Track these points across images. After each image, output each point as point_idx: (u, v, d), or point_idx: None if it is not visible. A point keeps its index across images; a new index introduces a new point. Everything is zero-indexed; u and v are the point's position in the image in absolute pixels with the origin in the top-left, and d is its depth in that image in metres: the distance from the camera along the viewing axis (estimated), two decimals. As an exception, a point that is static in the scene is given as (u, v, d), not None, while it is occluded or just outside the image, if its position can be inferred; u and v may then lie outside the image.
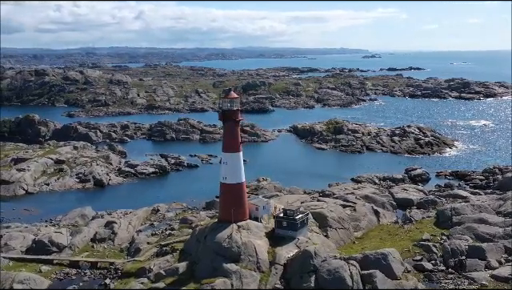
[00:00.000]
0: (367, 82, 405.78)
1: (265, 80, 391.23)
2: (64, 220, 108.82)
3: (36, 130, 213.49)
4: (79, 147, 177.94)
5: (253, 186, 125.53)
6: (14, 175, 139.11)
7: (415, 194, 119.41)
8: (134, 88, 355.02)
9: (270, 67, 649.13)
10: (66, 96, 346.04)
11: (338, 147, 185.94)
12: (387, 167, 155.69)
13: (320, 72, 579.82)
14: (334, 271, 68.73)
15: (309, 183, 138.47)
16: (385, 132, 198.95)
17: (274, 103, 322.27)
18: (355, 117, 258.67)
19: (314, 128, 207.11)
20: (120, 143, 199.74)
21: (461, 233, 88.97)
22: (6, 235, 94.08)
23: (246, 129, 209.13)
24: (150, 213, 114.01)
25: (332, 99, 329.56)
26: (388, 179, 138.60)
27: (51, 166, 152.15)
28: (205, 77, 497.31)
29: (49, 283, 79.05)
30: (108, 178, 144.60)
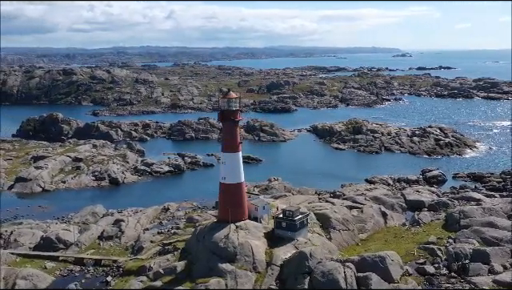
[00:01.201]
0: (393, 82, 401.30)
1: (289, 80, 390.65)
2: (75, 218, 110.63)
3: (59, 128, 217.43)
4: (98, 145, 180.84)
5: (263, 186, 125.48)
6: (31, 172, 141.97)
7: (428, 196, 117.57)
8: (159, 87, 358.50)
9: (298, 66, 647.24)
10: (92, 95, 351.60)
11: (356, 147, 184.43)
12: (403, 168, 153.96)
13: (348, 71, 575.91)
14: (328, 273, 68.27)
15: (322, 183, 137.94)
16: (405, 132, 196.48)
17: (297, 103, 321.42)
18: (377, 117, 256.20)
19: (333, 128, 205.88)
20: (140, 142, 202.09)
21: (468, 236, 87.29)
22: (15, 232, 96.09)
23: (265, 128, 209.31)
24: (159, 212, 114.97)
25: (356, 99, 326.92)
26: (402, 181, 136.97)
27: (69, 164, 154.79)
28: (231, 76, 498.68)
29: (52, 280, 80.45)
30: (123, 176, 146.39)
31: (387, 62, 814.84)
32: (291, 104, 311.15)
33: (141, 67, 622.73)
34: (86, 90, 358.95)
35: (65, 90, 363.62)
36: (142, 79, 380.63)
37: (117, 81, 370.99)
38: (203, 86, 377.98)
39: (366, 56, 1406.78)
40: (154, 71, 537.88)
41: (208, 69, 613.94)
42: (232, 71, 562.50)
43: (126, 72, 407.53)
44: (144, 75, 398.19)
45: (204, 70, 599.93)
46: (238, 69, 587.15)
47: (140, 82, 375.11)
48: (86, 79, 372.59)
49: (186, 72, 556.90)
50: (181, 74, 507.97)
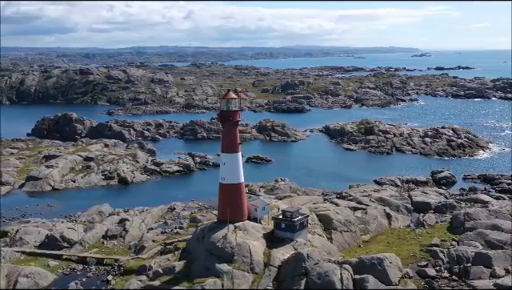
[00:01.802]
0: (409, 82, 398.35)
1: (304, 79, 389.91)
2: (82, 217, 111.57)
3: (73, 127, 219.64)
4: (110, 144, 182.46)
5: (269, 186, 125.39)
6: (42, 171, 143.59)
7: (435, 197, 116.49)
8: (174, 87, 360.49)
9: (315, 66, 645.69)
10: (108, 94, 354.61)
11: (367, 148, 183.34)
12: (414, 169, 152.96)
13: (365, 71, 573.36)
14: (324, 274, 68.05)
15: (330, 183, 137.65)
16: (417, 133, 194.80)
17: (311, 103, 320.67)
18: (391, 117, 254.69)
19: (345, 128, 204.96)
20: (152, 142, 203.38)
21: (471, 239, 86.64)
22: (21, 230, 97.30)
23: (277, 129, 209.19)
24: (165, 211, 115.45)
25: (370, 99, 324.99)
26: (411, 182, 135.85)
27: (80, 163, 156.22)
28: (248, 76, 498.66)
29: (54, 278, 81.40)
30: (132, 175, 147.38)
31: (405, 62, 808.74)
32: (305, 104, 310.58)
33: (158, 67, 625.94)
34: (102, 90, 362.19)
35: (81, 89, 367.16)
36: (157, 79, 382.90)
37: (133, 81, 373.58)
38: (218, 86, 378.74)
39: (385, 56, 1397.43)
40: (171, 71, 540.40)
41: (225, 69, 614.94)
42: (249, 71, 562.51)
43: (142, 72, 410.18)
44: (160, 75, 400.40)
45: (221, 69, 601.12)
46: (254, 69, 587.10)
47: (155, 81, 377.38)
48: (103, 79, 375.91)
49: (203, 72, 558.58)
50: (197, 74, 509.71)
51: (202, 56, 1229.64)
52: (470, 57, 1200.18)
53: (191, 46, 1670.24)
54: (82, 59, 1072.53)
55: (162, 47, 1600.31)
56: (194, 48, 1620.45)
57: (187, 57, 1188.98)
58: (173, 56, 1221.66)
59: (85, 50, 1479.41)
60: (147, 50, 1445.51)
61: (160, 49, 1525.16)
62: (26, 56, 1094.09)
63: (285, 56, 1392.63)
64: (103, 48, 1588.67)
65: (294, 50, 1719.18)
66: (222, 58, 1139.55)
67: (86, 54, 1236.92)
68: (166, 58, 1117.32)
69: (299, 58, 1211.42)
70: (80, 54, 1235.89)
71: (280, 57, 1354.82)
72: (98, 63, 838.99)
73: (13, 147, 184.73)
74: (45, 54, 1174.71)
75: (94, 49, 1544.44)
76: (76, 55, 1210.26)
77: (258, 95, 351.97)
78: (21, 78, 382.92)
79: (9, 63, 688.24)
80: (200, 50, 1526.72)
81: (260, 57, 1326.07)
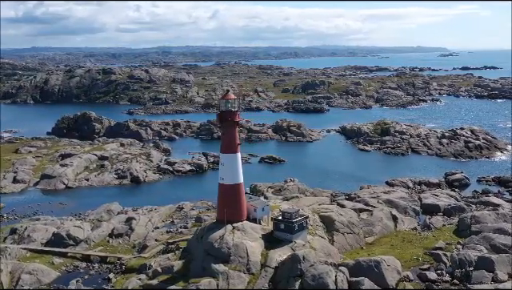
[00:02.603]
0: (432, 82, 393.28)
1: (325, 79, 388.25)
2: (91, 215, 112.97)
3: (91, 127, 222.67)
4: (126, 144, 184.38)
5: (277, 187, 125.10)
6: (56, 169, 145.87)
7: (445, 200, 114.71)
8: (194, 87, 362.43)
9: (339, 66, 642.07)
10: (129, 94, 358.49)
11: (383, 149, 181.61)
12: (428, 171, 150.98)
13: (389, 71, 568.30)
14: (319, 276, 67.69)
15: (341, 184, 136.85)
16: (435, 134, 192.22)
17: (331, 103, 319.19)
18: (410, 118, 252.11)
19: (361, 129, 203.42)
20: (168, 141, 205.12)
21: (476, 243, 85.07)
22: (29, 228, 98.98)
23: (292, 129, 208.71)
24: (173, 211, 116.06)
25: (391, 99, 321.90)
26: (423, 184, 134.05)
27: (94, 162, 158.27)
28: (271, 76, 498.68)
29: (57, 275, 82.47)
30: (144, 175, 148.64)
31: (431, 62, 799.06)
32: (324, 104, 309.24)
33: (182, 67, 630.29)
34: (124, 90, 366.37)
35: (103, 89, 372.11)
36: (178, 79, 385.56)
37: (154, 80, 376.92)
38: (239, 85, 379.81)
39: (410, 56, 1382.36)
40: (194, 71, 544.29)
41: (248, 68, 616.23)
42: (271, 71, 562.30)
43: (163, 72, 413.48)
44: (181, 75, 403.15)
45: (244, 69, 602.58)
46: (278, 68, 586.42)
47: (177, 81, 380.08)
48: (125, 79, 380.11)
49: (226, 72, 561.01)
50: (220, 74, 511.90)
51: (227, 56, 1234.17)
52: (497, 57, 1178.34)
53: (216, 46, 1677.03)
54: (108, 59, 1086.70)
55: (187, 47, 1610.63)
56: (220, 48, 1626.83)
57: (212, 57, 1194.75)
58: (198, 56, 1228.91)
59: (112, 49, 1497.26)
60: (173, 49, 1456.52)
61: (185, 49, 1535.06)
62: (54, 56, 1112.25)
63: (310, 56, 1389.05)
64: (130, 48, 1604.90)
65: (320, 49, 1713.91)
66: (246, 58, 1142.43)
67: (113, 54, 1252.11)
68: (191, 58, 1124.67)
69: (324, 58, 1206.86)
70: (107, 54, 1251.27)
71: (305, 56, 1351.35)
72: (124, 63, 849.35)
73: (31, 145, 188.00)
74: (72, 54, 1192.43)
75: (121, 49, 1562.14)
76: (103, 55, 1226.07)
77: (278, 95, 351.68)
78: (45, 77, 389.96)
79: (37, 63, 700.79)
80: (225, 49, 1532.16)
81: (285, 57, 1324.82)
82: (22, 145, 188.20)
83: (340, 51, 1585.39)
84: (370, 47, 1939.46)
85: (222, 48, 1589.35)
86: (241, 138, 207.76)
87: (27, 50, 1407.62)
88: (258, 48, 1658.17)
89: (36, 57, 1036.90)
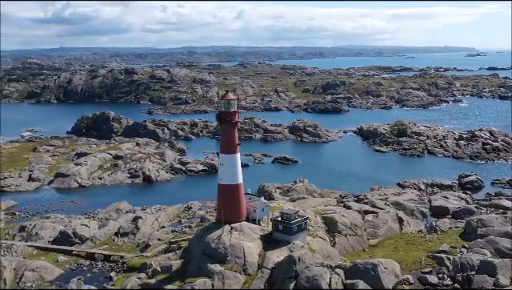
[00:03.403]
0: (455, 83, 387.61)
1: (346, 80, 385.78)
2: (100, 213, 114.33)
3: (110, 126, 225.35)
4: (141, 143, 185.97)
5: (285, 187, 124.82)
6: (70, 168, 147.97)
7: (455, 202, 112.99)
8: (215, 87, 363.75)
9: (363, 66, 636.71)
10: (150, 94, 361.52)
11: (398, 150, 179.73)
12: (442, 173, 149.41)
13: (413, 71, 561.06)
14: (313, 278, 67.33)
15: (352, 185, 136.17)
16: (453, 135, 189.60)
17: (351, 103, 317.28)
18: (430, 119, 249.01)
19: (378, 130, 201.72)
20: (184, 141, 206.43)
21: (481, 246, 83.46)
22: (38, 225, 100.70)
23: (308, 129, 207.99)
24: (182, 210, 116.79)
25: (412, 100, 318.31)
26: (435, 186, 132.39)
27: (108, 161, 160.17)
28: (292, 76, 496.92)
29: (60, 273, 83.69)
30: (157, 174, 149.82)
31: (457, 62, 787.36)
32: (344, 105, 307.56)
33: (205, 67, 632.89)
34: (145, 89, 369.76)
35: (125, 88, 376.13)
36: (199, 79, 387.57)
37: (175, 80, 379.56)
38: (259, 86, 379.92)
39: (437, 56, 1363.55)
40: (217, 71, 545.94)
41: (271, 68, 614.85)
42: (294, 71, 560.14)
43: (185, 72, 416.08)
44: (202, 75, 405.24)
45: (267, 69, 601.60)
46: (301, 68, 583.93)
47: (197, 81, 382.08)
48: (146, 78, 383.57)
49: (249, 72, 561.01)
50: (243, 74, 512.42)
51: (252, 56, 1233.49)
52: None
53: (241, 46, 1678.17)
54: (134, 59, 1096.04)
55: (212, 47, 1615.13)
56: (245, 48, 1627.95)
57: (237, 57, 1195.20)
58: (222, 56, 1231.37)
59: (138, 50, 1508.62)
60: (198, 50, 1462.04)
61: (210, 49, 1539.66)
62: (80, 56, 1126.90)
63: (335, 56, 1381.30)
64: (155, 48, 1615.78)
65: (345, 49, 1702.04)
66: (271, 58, 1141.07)
67: (139, 55, 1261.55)
68: (216, 58, 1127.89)
69: (349, 58, 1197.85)
70: (133, 54, 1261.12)
71: (330, 56, 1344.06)
72: (149, 63, 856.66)
73: (50, 144, 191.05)
74: (99, 54, 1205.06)
75: (147, 49, 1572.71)
76: (128, 55, 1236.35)
77: (298, 95, 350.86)
78: (69, 77, 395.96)
79: (63, 63, 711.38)
80: (250, 49, 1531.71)
81: (310, 56, 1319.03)
82: (40, 144, 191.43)
83: (366, 51, 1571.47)
84: (396, 47, 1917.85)
85: (247, 48, 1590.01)
86: (256, 138, 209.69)
87: (55, 50, 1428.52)
88: (282, 48, 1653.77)
89: (63, 57, 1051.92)
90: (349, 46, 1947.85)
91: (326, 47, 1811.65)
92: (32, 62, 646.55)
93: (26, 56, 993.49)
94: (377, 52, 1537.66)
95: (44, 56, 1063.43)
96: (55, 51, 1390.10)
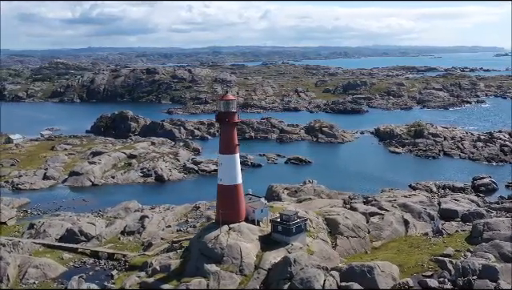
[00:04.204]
0: (479, 83, 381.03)
1: (367, 80, 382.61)
2: (109, 212, 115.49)
3: (127, 125, 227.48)
4: (157, 142, 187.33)
5: (293, 188, 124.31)
6: (84, 167, 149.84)
7: (465, 205, 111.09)
8: (235, 87, 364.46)
9: (387, 66, 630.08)
10: (171, 94, 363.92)
11: (414, 151, 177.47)
12: (456, 175, 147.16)
13: (438, 71, 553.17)
14: (306, 280, 67.10)
15: (363, 187, 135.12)
16: (471, 137, 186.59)
17: (371, 104, 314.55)
18: (450, 119, 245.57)
19: (394, 131, 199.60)
20: (200, 141, 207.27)
21: (485, 250, 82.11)
22: (46, 223, 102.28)
23: (324, 130, 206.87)
24: (190, 210, 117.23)
25: (433, 101, 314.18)
26: (447, 188, 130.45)
27: (123, 160, 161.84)
28: (315, 76, 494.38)
29: (64, 270, 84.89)
30: (169, 173, 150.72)
31: (484, 62, 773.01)
32: (364, 105, 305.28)
33: (229, 67, 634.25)
34: (167, 89, 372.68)
35: (147, 88, 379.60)
36: (220, 79, 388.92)
37: (196, 80, 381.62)
38: (279, 86, 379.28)
39: (464, 55, 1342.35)
40: (240, 70, 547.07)
41: (294, 68, 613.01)
42: (317, 71, 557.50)
43: (206, 71, 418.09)
44: (223, 75, 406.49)
45: (290, 69, 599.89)
46: (324, 68, 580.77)
47: (218, 81, 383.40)
48: (168, 78, 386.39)
49: (271, 71, 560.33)
50: (266, 74, 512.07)
51: (277, 56, 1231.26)
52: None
53: (266, 46, 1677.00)
54: (159, 59, 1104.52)
55: (237, 47, 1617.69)
56: (270, 48, 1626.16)
57: (262, 56, 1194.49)
58: (247, 56, 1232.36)
59: (164, 49, 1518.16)
60: (223, 49, 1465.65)
61: (235, 49, 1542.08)
62: (107, 56, 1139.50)
63: (360, 56, 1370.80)
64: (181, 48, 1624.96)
65: (371, 49, 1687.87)
66: (296, 58, 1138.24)
67: (165, 54, 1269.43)
68: (241, 58, 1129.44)
69: (374, 58, 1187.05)
70: (159, 54, 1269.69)
71: (355, 56, 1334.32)
72: (174, 63, 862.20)
73: (67, 143, 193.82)
74: (125, 54, 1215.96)
75: (173, 49, 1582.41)
76: (155, 55, 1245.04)
77: (319, 95, 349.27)
78: (92, 77, 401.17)
79: (89, 63, 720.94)
80: (275, 49, 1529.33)
81: (335, 56, 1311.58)
82: (58, 143, 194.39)
83: (392, 51, 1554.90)
84: (423, 47, 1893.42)
85: (272, 48, 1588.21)
86: (272, 138, 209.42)
87: (83, 50, 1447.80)
88: (307, 48, 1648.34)
89: (91, 57, 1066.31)
90: (374, 46, 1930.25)
91: (352, 47, 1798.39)
92: (59, 62, 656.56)
93: (56, 56, 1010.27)
94: (403, 52, 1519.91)
95: (72, 56, 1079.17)
96: (83, 51, 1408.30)
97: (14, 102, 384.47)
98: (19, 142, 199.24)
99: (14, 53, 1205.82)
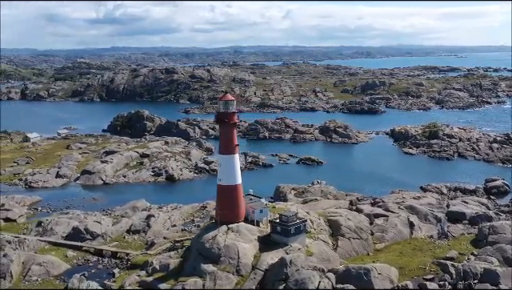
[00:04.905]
0: (501, 83, 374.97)
1: (386, 80, 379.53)
2: (117, 211, 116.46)
3: (143, 125, 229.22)
4: (170, 142, 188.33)
5: (300, 189, 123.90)
6: (96, 166, 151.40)
7: (474, 207, 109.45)
8: (253, 86, 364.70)
9: (408, 66, 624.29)
10: (189, 93, 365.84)
11: (428, 153, 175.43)
12: (469, 177, 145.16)
13: (461, 71, 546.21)
14: (301, 281, 66.91)
15: (373, 188, 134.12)
16: (487, 138, 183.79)
17: (389, 104, 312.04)
18: (468, 120, 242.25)
19: (409, 131, 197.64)
20: (214, 140, 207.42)
21: (489, 254, 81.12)
22: (53, 221, 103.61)
23: (338, 130, 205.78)
24: (197, 209, 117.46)
25: (452, 101, 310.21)
26: (458, 190, 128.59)
27: (135, 159, 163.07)
28: (335, 76, 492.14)
29: (67, 268, 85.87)
30: (180, 173, 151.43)
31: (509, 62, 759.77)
32: (382, 105, 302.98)
33: (249, 66, 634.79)
34: (185, 89, 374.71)
35: (165, 88, 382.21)
36: (238, 78, 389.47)
37: (214, 80, 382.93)
38: (297, 85, 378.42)
39: (490, 55, 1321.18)
40: (260, 70, 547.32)
41: (314, 68, 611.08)
42: (338, 71, 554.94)
43: (225, 71, 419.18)
44: (242, 74, 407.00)
45: (310, 69, 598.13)
46: (345, 68, 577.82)
47: (237, 81, 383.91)
48: (186, 78, 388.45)
49: (291, 71, 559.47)
50: (286, 74, 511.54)
51: (298, 55, 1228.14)
52: None
53: (288, 46, 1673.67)
54: (181, 59, 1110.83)
55: (259, 47, 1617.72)
56: (292, 47, 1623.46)
57: (283, 56, 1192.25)
58: (269, 56, 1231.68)
59: (186, 49, 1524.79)
60: (245, 49, 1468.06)
61: (257, 48, 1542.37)
62: (130, 55, 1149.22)
63: (383, 56, 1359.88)
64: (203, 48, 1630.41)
65: (394, 49, 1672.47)
66: (317, 58, 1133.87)
67: (187, 54, 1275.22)
68: (262, 58, 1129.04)
69: (397, 58, 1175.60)
70: (181, 54, 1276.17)
71: (377, 56, 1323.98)
72: (196, 62, 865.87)
73: (83, 142, 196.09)
74: (148, 54, 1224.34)
75: (195, 48, 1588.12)
76: (177, 55, 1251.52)
77: (337, 95, 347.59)
78: (111, 76, 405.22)
79: (111, 63, 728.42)
80: (297, 49, 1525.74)
81: (357, 56, 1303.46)
82: (74, 142, 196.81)
83: (415, 51, 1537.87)
84: (448, 46, 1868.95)
85: (294, 48, 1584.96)
86: (286, 138, 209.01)
87: (107, 50, 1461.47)
88: (329, 48, 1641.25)
89: (114, 56, 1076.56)
90: (398, 45, 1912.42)
91: (374, 47, 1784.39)
92: (82, 62, 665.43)
93: (80, 55, 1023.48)
94: (427, 52, 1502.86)
95: (95, 56, 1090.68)
96: (107, 51, 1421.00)
97: (35, 101, 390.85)
98: (36, 141, 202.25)
99: (39, 52, 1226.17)
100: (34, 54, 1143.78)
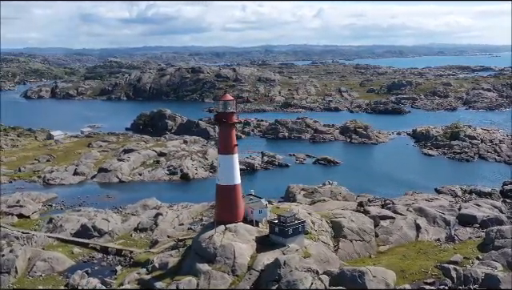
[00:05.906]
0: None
1: (412, 80, 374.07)
2: (128, 209, 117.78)
3: (164, 123, 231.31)
4: (189, 141, 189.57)
5: (310, 189, 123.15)
6: (113, 164, 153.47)
7: (487, 211, 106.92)
8: (277, 86, 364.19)
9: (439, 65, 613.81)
10: (215, 92, 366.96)
11: (448, 154, 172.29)
12: (487, 179, 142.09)
13: (494, 71, 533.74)
14: (293, 282, 66.66)
15: (387, 189, 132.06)
16: (510, 140, 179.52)
17: (414, 104, 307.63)
18: (494, 121, 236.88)
19: (430, 132, 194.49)
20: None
21: (493, 259, 79.33)
22: (63, 218, 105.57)
23: (359, 130, 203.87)
24: (206, 208, 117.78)
25: (480, 101, 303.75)
26: (473, 192, 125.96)
27: (152, 157, 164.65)
28: (364, 75, 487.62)
29: (71, 264, 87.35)
30: (195, 172, 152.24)
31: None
32: (407, 105, 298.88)
33: (277, 65, 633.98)
34: (210, 88, 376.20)
35: (191, 87, 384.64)
36: (264, 78, 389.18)
37: (240, 79, 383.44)
38: (323, 85, 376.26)
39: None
40: (288, 70, 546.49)
41: (343, 67, 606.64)
42: (366, 70, 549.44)
43: (250, 70, 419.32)
44: (267, 74, 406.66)
45: (339, 68, 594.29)
46: (374, 68, 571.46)
47: (262, 80, 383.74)
48: (212, 77, 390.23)
49: (320, 71, 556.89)
50: (314, 73, 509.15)
51: (329, 54, 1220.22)
52: None
53: (319, 45, 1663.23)
54: (212, 58, 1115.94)
55: (290, 46, 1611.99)
56: (323, 46, 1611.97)
57: (313, 55, 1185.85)
58: (299, 55, 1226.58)
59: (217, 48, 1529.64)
60: (275, 48, 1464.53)
61: (288, 47, 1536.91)
62: (161, 55, 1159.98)
63: (415, 55, 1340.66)
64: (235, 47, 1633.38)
65: (427, 48, 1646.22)
66: (349, 57, 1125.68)
67: (217, 53, 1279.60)
68: (293, 57, 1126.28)
69: (430, 57, 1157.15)
70: (212, 53, 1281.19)
71: (410, 56, 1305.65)
72: (226, 61, 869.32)
73: (104, 140, 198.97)
74: (179, 53, 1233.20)
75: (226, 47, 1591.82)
76: (208, 54, 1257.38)
77: (362, 95, 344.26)
78: (139, 75, 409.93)
79: (141, 62, 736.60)
80: (328, 48, 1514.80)
81: (389, 55, 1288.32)
82: (95, 140, 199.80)
83: (448, 50, 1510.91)
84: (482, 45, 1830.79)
85: (325, 47, 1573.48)
86: (305, 138, 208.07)
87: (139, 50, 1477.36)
88: (361, 47, 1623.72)
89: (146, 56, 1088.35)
90: (431, 44, 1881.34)
91: (407, 46, 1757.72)
92: (113, 61, 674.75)
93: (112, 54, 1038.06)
94: (460, 51, 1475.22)
95: (127, 55, 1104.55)
96: (139, 50, 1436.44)
97: (64, 100, 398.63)
98: (59, 139, 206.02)
99: (74, 52, 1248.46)
100: (69, 53, 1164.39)
